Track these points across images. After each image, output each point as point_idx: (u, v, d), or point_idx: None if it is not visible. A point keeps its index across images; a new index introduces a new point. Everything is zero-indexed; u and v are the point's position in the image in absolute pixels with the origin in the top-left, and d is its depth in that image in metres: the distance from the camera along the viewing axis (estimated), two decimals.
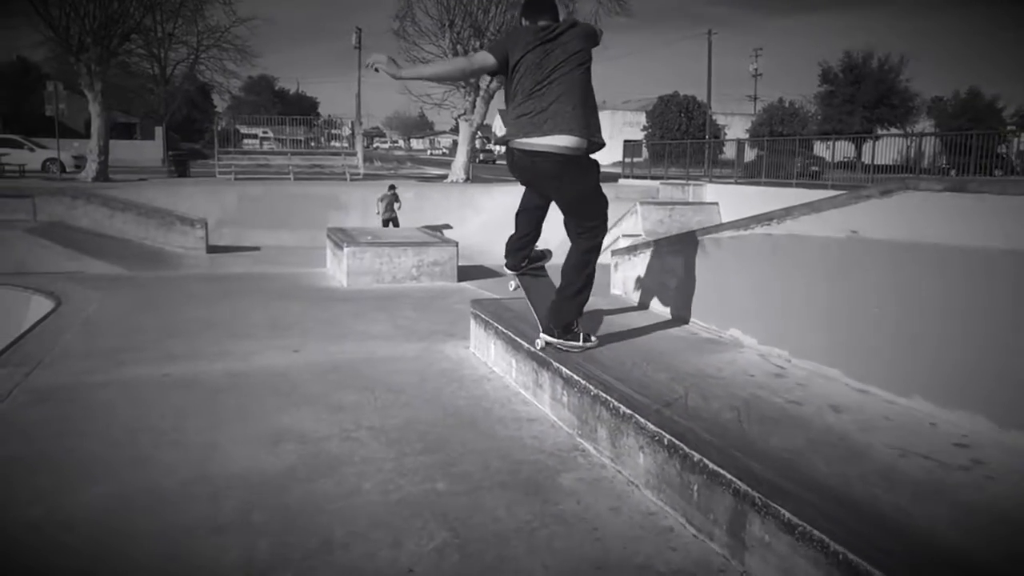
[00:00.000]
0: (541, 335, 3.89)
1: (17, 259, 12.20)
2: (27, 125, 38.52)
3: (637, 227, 18.91)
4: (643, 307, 4.98)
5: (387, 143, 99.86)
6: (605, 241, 3.91)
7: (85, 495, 2.78)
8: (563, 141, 3.52)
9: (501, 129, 3.72)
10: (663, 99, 52.10)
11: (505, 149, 3.78)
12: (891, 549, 1.94)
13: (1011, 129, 35.86)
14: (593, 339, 3.89)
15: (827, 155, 25.18)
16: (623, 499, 2.81)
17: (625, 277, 5.36)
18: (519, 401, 3.94)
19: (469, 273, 8.84)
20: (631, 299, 5.16)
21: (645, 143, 39.83)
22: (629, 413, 2.97)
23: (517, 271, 4.28)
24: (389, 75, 3.69)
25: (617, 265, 5.50)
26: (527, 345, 3.97)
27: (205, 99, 52.03)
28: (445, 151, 75.31)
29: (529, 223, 4.15)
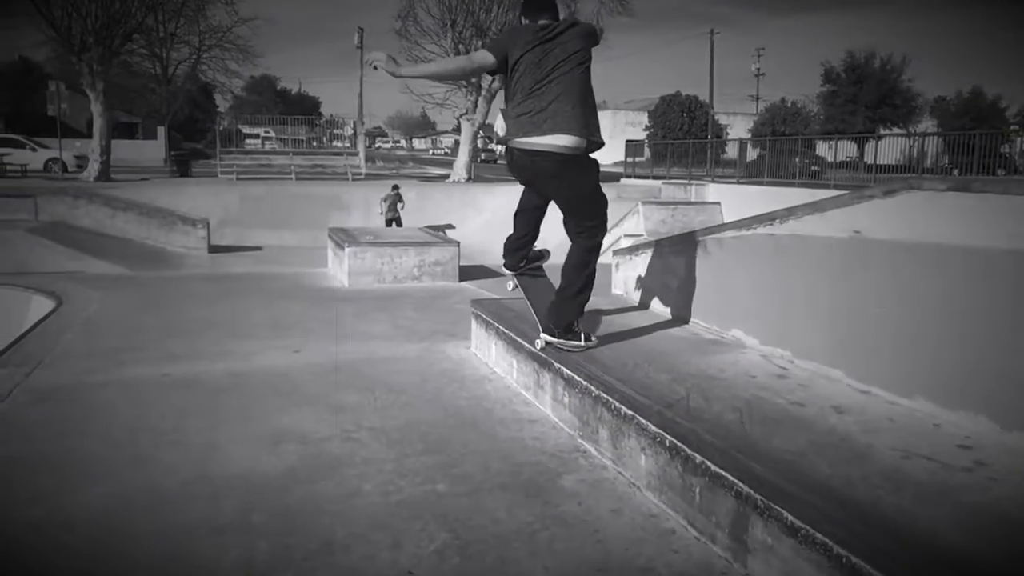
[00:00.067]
0: (541, 335, 3.88)
1: (18, 259, 12.20)
2: (29, 125, 38.57)
3: (639, 227, 18.89)
4: (645, 307, 4.96)
5: (389, 143, 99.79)
6: (607, 241, 3.90)
7: (85, 495, 2.78)
8: (563, 140, 3.52)
9: (503, 129, 3.71)
10: (665, 99, 52.12)
11: (504, 148, 3.77)
12: (894, 552, 1.93)
13: (1014, 129, 35.75)
14: (593, 339, 3.88)
15: (829, 155, 25.13)
16: (625, 501, 2.80)
17: (627, 277, 5.34)
18: (520, 402, 3.93)
19: (470, 273, 8.83)
20: (632, 299, 5.15)
21: (647, 143, 39.87)
22: (631, 414, 2.96)
23: (515, 271, 4.28)
24: (388, 73, 3.69)
25: (619, 265, 5.48)
26: (528, 346, 3.96)
27: (207, 99, 52.06)
28: (447, 151, 75.26)
29: (527, 223, 4.15)
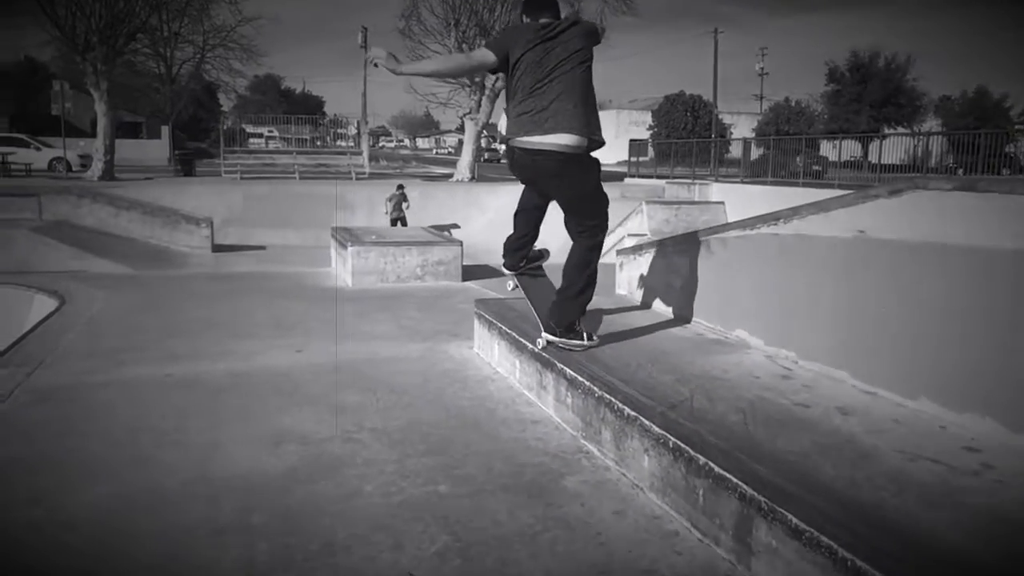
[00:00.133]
0: (543, 334, 3.87)
1: (22, 258, 12.20)
2: (34, 124, 38.63)
3: (643, 226, 18.86)
4: (648, 307, 4.94)
5: (393, 142, 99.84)
6: (610, 241, 3.88)
7: (86, 495, 2.77)
8: (564, 139, 3.51)
9: (506, 128, 3.70)
10: (669, 98, 52.08)
11: (505, 147, 3.77)
12: (899, 555, 1.91)
13: (1019, 128, 35.64)
14: (595, 338, 3.86)
15: (834, 155, 25.07)
16: (628, 502, 2.78)
17: (630, 277, 5.32)
18: (523, 402, 3.92)
19: (474, 272, 8.81)
20: (636, 299, 5.13)
21: (651, 142, 39.78)
22: (634, 415, 2.94)
23: (515, 271, 4.28)
24: (389, 71, 3.68)
25: (622, 265, 5.46)
26: (531, 346, 3.94)
27: (211, 98, 52.14)
28: (451, 150, 75.21)
29: (527, 223, 4.14)
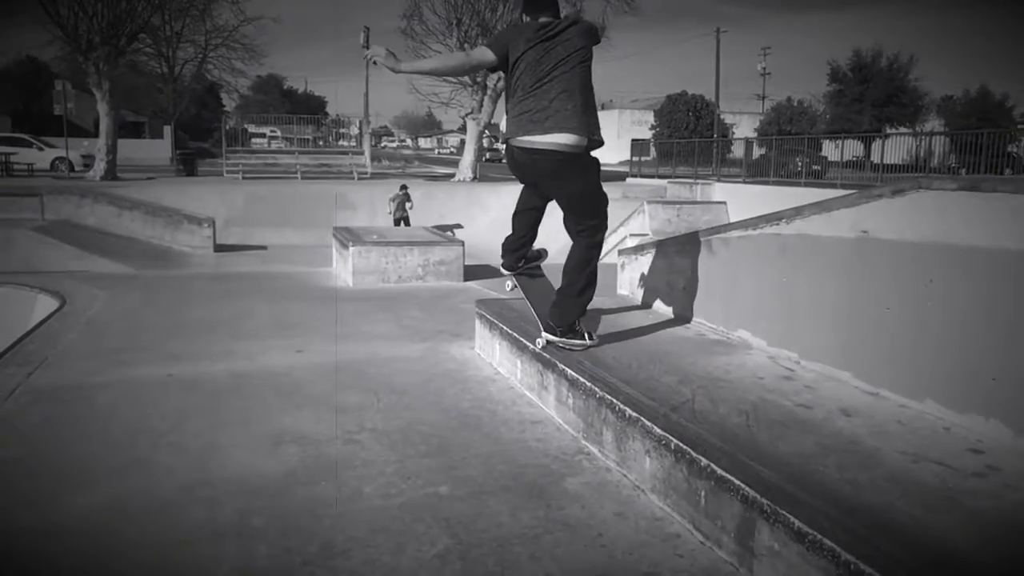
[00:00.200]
0: (543, 334, 3.86)
1: (24, 257, 12.20)
2: (36, 124, 38.69)
3: (644, 226, 18.80)
4: (650, 308, 4.92)
5: (395, 142, 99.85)
6: (612, 240, 3.88)
7: (84, 498, 2.75)
8: (564, 139, 3.50)
9: (505, 128, 3.69)
10: (671, 98, 52.00)
11: (505, 147, 3.76)
12: (903, 559, 1.89)
13: (1021, 128, 35.54)
14: (595, 338, 3.85)
15: (836, 154, 24.99)
16: (629, 504, 2.76)
17: (632, 277, 5.30)
18: (524, 403, 3.90)
19: (475, 272, 8.78)
20: (638, 299, 5.11)
21: (653, 142, 39.73)
22: (635, 416, 2.92)
23: (514, 271, 4.28)
24: (388, 68, 3.68)
25: (624, 265, 5.44)
26: (532, 346, 3.92)
27: (214, 98, 52.15)
28: (453, 150, 75.20)
29: (525, 224, 4.15)
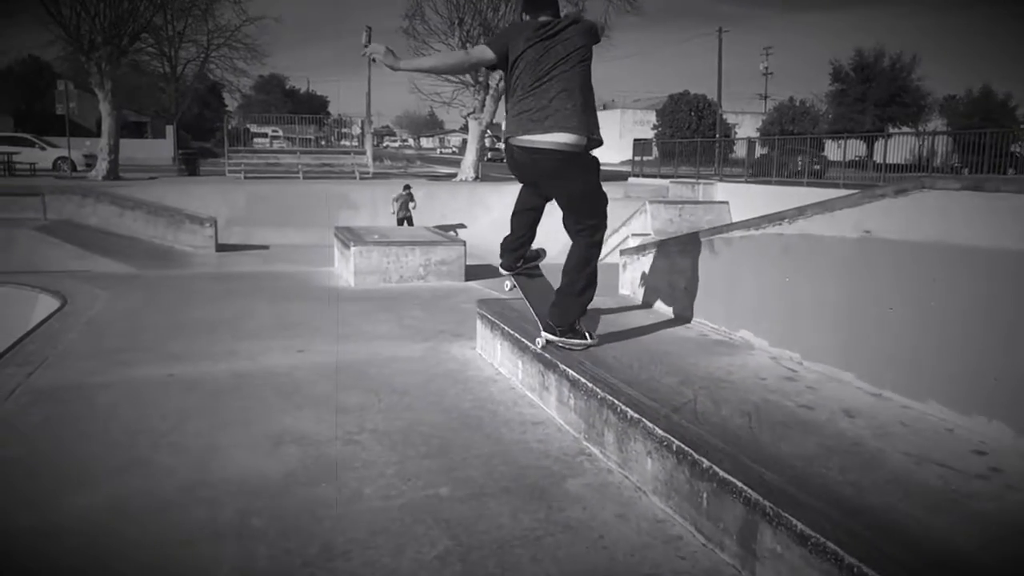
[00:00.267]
0: (543, 333, 3.85)
1: (26, 257, 12.20)
2: (39, 124, 38.76)
3: (647, 226, 18.77)
4: (651, 308, 4.91)
5: (397, 142, 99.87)
6: (614, 240, 3.87)
7: (83, 498, 2.74)
8: (564, 138, 3.49)
9: (505, 127, 3.69)
10: (673, 97, 51.98)
11: (504, 146, 3.75)
12: (907, 562, 1.87)
13: None
14: (594, 337, 3.84)
15: (838, 154, 24.96)
16: (630, 506, 2.75)
17: (633, 277, 5.28)
18: (525, 403, 3.88)
19: (477, 272, 8.76)
20: (639, 299, 5.09)
21: (655, 142, 39.72)
22: (637, 417, 2.91)
23: (512, 271, 4.28)
24: (387, 66, 3.68)
25: (625, 265, 5.42)
26: (532, 346, 3.91)
27: (216, 98, 52.22)
28: (455, 150, 75.20)
29: (524, 224, 4.15)
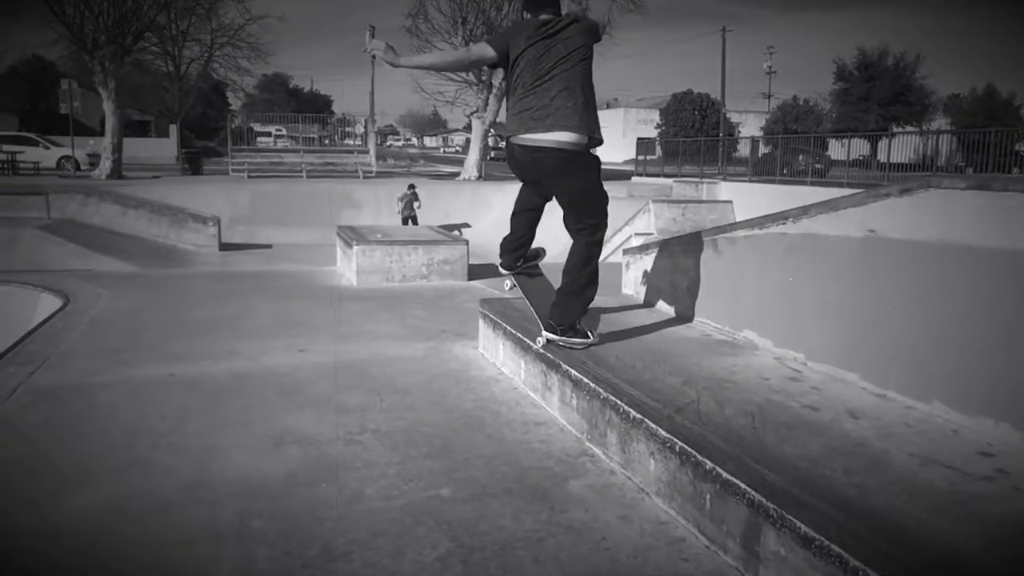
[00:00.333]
0: (543, 332, 3.84)
1: (29, 256, 12.22)
2: (43, 123, 38.82)
3: (650, 225, 18.73)
4: (655, 307, 4.88)
5: (400, 141, 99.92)
6: (617, 240, 3.86)
7: (83, 499, 2.73)
8: (565, 137, 3.48)
9: (506, 125, 3.68)
10: (677, 96, 51.96)
11: (505, 145, 3.74)
12: (912, 565, 1.85)
13: None
14: (595, 336, 3.83)
15: (842, 153, 24.92)
16: (633, 507, 2.73)
17: (636, 276, 5.26)
18: (528, 403, 3.87)
19: (480, 272, 8.74)
20: (642, 299, 5.07)
21: (658, 141, 39.66)
22: (640, 418, 2.89)
23: (512, 271, 4.27)
24: (387, 63, 3.67)
25: (628, 264, 5.40)
26: (534, 345, 3.89)
27: (219, 97, 52.24)
28: (458, 149, 75.20)
29: (524, 224, 4.14)
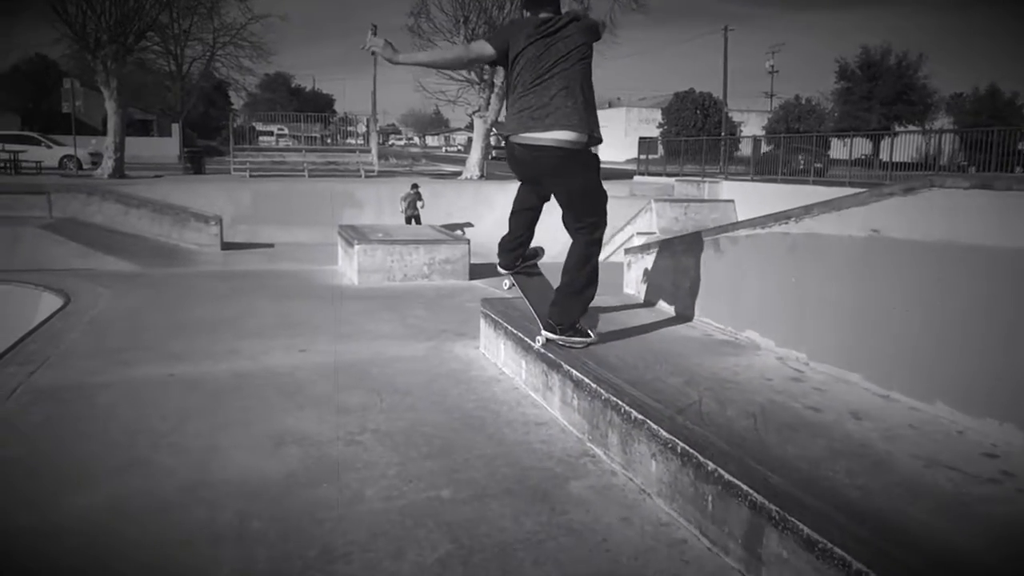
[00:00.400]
0: (543, 332, 3.83)
1: (31, 255, 12.23)
2: (45, 122, 38.84)
3: (652, 225, 18.72)
4: (656, 307, 4.87)
5: (402, 140, 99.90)
6: (619, 239, 3.84)
7: (82, 499, 2.72)
8: (565, 135, 3.47)
9: (505, 124, 3.67)
10: (679, 96, 51.93)
11: (505, 144, 3.73)
12: (916, 567, 1.83)
13: None
14: (595, 335, 3.82)
15: (844, 152, 24.88)
16: (634, 509, 2.72)
17: (638, 276, 5.24)
18: (528, 404, 3.85)
19: (481, 271, 8.73)
20: (644, 299, 5.05)
21: (661, 140, 39.63)
22: (641, 418, 2.87)
23: (511, 270, 4.26)
24: (386, 60, 3.66)
25: (630, 264, 5.38)
26: (534, 344, 3.88)
27: (221, 96, 52.23)
28: (460, 148, 75.20)
29: (522, 224, 4.13)
